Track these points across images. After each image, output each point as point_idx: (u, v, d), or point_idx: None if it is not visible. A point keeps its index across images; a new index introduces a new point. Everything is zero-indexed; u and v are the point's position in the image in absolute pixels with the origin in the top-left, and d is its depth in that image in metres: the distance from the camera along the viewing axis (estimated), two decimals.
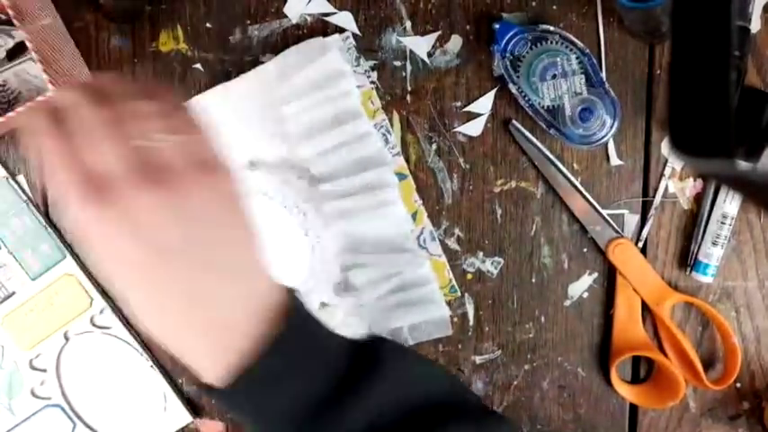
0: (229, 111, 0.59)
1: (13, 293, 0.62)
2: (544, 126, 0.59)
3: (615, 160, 0.61)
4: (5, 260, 0.62)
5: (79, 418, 0.63)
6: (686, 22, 0.35)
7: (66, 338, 0.63)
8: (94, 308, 0.62)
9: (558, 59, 0.58)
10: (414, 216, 0.60)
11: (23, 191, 0.62)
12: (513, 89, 0.58)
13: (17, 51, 0.59)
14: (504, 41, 0.58)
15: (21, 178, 0.62)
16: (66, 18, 0.60)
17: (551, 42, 0.58)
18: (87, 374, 0.63)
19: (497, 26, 0.58)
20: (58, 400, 0.63)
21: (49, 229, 0.62)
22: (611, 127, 0.58)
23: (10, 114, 0.53)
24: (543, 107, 0.58)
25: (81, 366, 0.63)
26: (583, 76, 0.58)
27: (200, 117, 0.39)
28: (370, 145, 0.59)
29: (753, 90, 0.59)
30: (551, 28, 0.58)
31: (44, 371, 0.63)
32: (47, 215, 0.62)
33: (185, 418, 0.63)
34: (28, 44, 0.51)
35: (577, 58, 0.58)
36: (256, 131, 0.59)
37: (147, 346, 0.63)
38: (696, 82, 0.35)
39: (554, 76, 0.58)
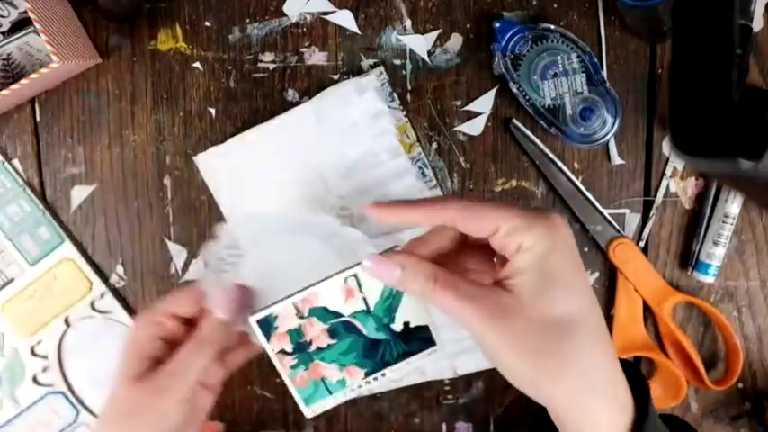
0: (264, 152, 0.59)
1: (12, 280, 0.62)
2: (545, 125, 0.58)
3: (616, 159, 0.60)
4: (3, 246, 0.62)
5: (82, 404, 0.63)
6: (688, 20, 0.35)
7: (67, 324, 0.62)
8: (95, 292, 0.62)
9: (559, 58, 0.57)
10: None
11: (20, 175, 0.62)
12: (514, 88, 0.58)
13: (20, 25, 0.59)
14: (505, 40, 0.57)
15: (16, 162, 0.62)
16: None
17: (552, 41, 0.57)
18: (89, 360, 0.63)
19: (498, 25, 0.58)
20: (60, 387, 0.63)
21: (46, 213, 0.62)
22: (613, 126, 0.58)
23: (14, 87, 0.53)
24: (544, 106, 0.58)
25: (83, 352, 0.63)
26: (584, 74, 0.58)
27: None
28: (407, 182, 0.59)
29: (754, 89, 0.59)
30: (552, 26, 0.57)
31: (45, 357, 0.62)
32: (44, 199, 0.62)
33: None
34: (30, 15, 0.51)
35: (578, 56, 0.57)
36: (293, 172, 0.59)
37: None
38: (698, 81, 0.35)
39: (555, 75, 0.58)
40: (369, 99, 0.58)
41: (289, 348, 0.48)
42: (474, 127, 0.60)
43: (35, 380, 0.63)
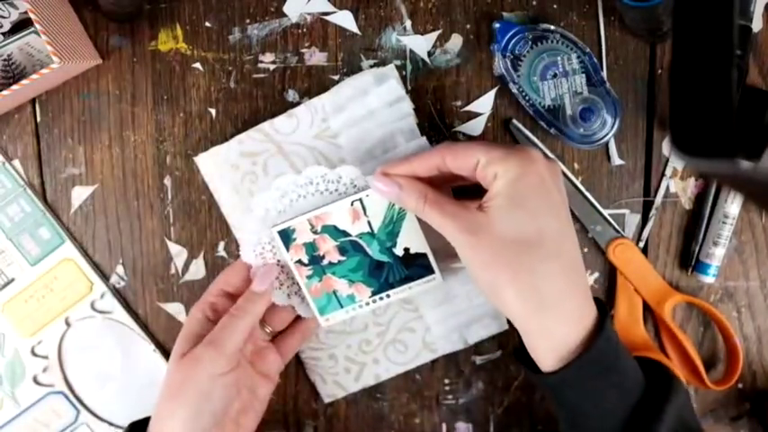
0: (267, 150, 0.59)
1: (13, 280, 0.62)
2: (545, 126, 0.58)
3: (616, 160, 0.60)
4: (4, 246, 0.62)
5: (82, 404, 0.63)
6: (688, 20, 0.35)
7: (68, 324, 0.62)
8: (95, 292, 0.62)
9: (559, 59, 0.57)
10: None
11: (20, 175, 0.62)
12: (514, 88, 0.58)
13: (21, 26, 0.59)
14: (505, 40, 0.58)
15: (17, 162, 0.62)
16: None
17: (552, 41, 0.57)
18: (90, 360, 0.63)
19: (498, 25, 0.58)
20: (60, 387, 0.63)
21: (47, 213, 0.62)
22: (612, 126, 0.58)
23: (15, 87, 0.53)
24: (544, 107, 0.58)
25: (83, 352, 0.63)
26: (584, 75, 0.58)
27: None
28: None
29: (754, 89, 0.59)
30: (552, 27, 0.57)
31: (46, 357, 0.62)
32: (45, 200, 0.62)
33: None
34: (31, 15, 0.51)
35: (578, 57, 0.57)
36: (300, 167, 0.59)
37: (149, 329, 0.63)
38: (697, 81, 0.35)
39: (555, 76, 0.58)
40: (390, 87, 0.58)
41: (305, 259, 0.55)
42: (474, 127, 0.61)
43: (35, 380, 0.63)
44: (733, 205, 0.59)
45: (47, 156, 0.62)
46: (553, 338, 0.48)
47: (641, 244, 0.61)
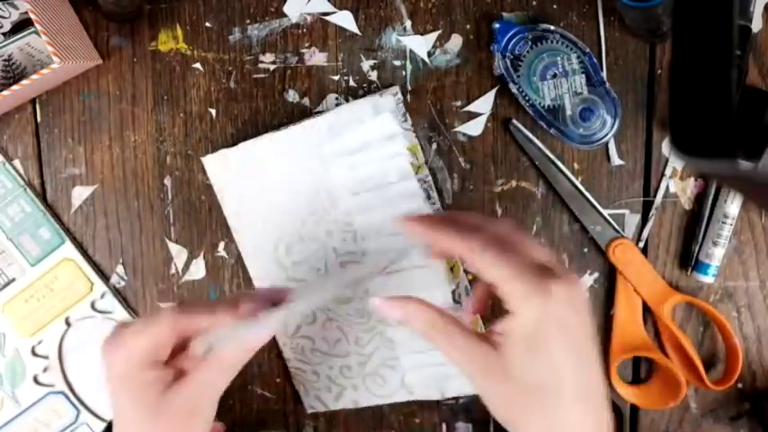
0: (273, 159, 0.59)
1: (13, 280, 0.62)
2: (544, 126, 0.58)
3: (616, 160, 0.60)
4: (4, 246, 0.62)
5: (83, 404, 0.63)
6: (687, 20, 0.35)
7: (68, 324, 0.62)
8: (95, 292, 0.62)
9: (559, 59, 0.57)
10: (452, 269, 0.59)
11: (20, 175, 0.62)
12: (514, 89, 0.58)
13: (21, 26, 0.59)
14: (505, 41, 0.58)
15: (17, 162, 0.62)
16: None
17: (552, 42, 0.57)
18: (90, 360, 0.63)
19: (497, 25, 0.58)
20: (61, 387, 0.63)
21: (47, 213, 0.62)
22: (612, 126, 0.58)
23: (15, 87, 0.53)
24: (543, 107, 0.58)
25: (83, 352, 0.63)
26: (583, 75, 0.58)
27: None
28: (414, 204, 0.58)
29: (754, 90, 0.59)
30: (552, 27, 0.57)
31: (46, 357, 0.63)
32: (45, 200, 0.62)
33: None
34: (31, 15, 0.51)
35: (578, 57, 0.57)
36: (300, 182, 0.59)
37: None
38: (697, 81, 0.35)
39: (554, 76, 0.58)
40: (384, 120, 0.57)
41: None
42: (474, 127, 0.61)
43: (36, 380, 0.63)
44: (733, 205, 0.59)
45: (47, 156, 0.62)
46: None
47: (641, 244, 0.61)
